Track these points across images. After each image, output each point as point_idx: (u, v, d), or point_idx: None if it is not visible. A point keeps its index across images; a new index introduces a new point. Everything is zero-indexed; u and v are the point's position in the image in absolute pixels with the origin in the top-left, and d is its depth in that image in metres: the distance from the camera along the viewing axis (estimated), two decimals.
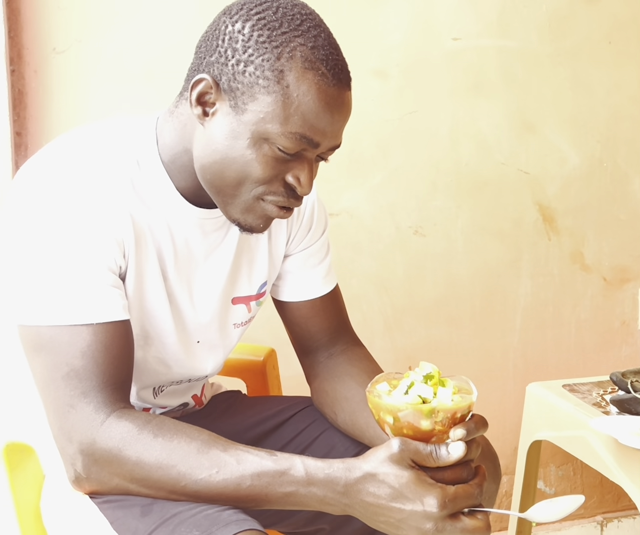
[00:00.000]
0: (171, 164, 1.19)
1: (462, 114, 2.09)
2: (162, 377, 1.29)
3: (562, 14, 2.12)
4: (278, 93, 1.09)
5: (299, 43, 1.09)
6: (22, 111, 1.82)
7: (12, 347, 1.20)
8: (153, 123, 1.21)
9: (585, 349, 2.27)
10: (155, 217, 1.18)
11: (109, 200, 1.13)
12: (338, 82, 1.11)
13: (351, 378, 1.32)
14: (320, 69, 1.10)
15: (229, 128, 1.11)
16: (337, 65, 1.11)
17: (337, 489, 1.05)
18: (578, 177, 2.20)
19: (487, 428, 1.07)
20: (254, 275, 1.32)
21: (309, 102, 1.09)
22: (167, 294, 1.22)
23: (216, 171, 1.14)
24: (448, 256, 2.13)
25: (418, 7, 2.02)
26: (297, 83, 1.09)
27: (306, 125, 1.10)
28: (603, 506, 2.34)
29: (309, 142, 1.11)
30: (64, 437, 1.10)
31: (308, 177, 1.14)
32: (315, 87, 1.09)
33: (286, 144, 1.10)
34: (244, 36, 1.09)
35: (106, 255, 1.12)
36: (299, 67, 1.09)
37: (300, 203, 1.17)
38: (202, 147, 1.14)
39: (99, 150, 1.16)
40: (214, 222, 1.24)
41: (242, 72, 1.09)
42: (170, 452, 1.07)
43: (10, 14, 1.78)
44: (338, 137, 1.15)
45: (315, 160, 1.16)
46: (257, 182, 1.13)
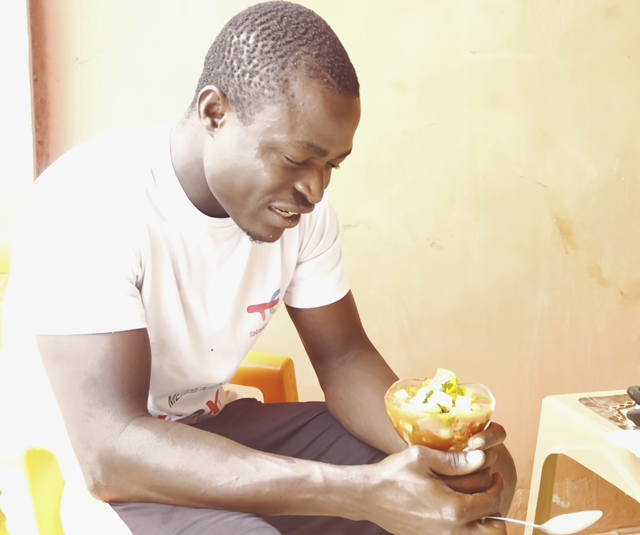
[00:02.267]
0: (184, 174, 1.20)
1: (481, 126, 2.09)
2: (177, 385, 1.30)
3: (581, 28, 2.12)
4: (284, 102, 1.09)
5: (304, 51, 1.09)
6: (45, 120, 1.84)
7: (32, 355, 1.21)
8: (167, 133, 1.22)
9: (601, 363, 2.26)
10: (169, 226, 1.19)
11: (126, 210, 1.14)
12: (344, 89, 1.11)
13: (365, 384, 1.33)
14: (326, 76, 1.10)
15: (237, 138, 1.12)
16: (342, 72, 1.11)
17: (355, 496, 1.05)
18: (596, 191, 2.19)
19: (505, 437, 1.07)
20: (267, 283, 1.33)
21: (315, 111, 1.09)
22: (181, 302, 1.22)
23: (226, 181, 1.14)
24: (465, 268, 2.14)
25: (437, 20, 2.03)
26: (302, 92, 1.09)
27: (313, 133, 1.10)
28: (618, 521, 2.33)
29: (316, 150, 1.11)
30: (82, 446, 1.11)
31: (318, 185, 1.14)
32: (320, 95, 1.09)
33: (294, 153, 1.11)
34: (248, 47, 1.10)
35: (123, 265, 1.13)
36: (303, 76, 1.09)
37: (311, 209, 1.17)
38: (212, 158, 1.15)
39: (114, 160, 1.17)
40: (225, 230, 1.25)
41: (247, 82, 1.10)
42: (189, 459, 1.07)
43: (34, 24, 1.80)
44: (347, 144, 1.15)
45: (325, 167, 1.16)
46: (266, 191, 1.13)
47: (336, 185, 2.00)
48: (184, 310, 1.23)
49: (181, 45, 1.89)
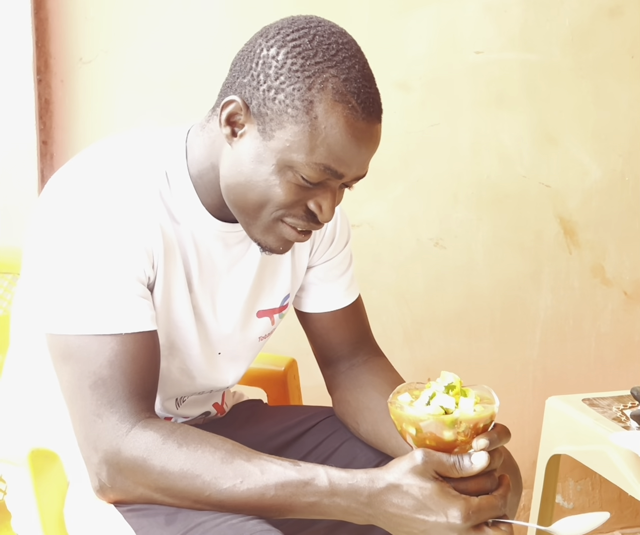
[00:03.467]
0: (198, 178, 1.20)
1: (484, 126, 2.09)
2: (185, 388, 1.30)
3: (585, 27, 2.12)
4: (306, 123, 1.09)
5: (332, 74, 1.09)
6: (49, 120, 1.84)
7: (37, 354, 1.21)
8: (183, 135, 1.22)
9: (605, 363, 2.26)
10: (181, 229, 1.19)
11: (139, 211, 1.14)
12: (368, 116, 1.11)
13: (373, 388, 1.33)
14: (351, 102, 1.09)
15: (256, 152, 1.12)
16: (368, 99, 1.11)
17: (360, 500, 1.05)
18: (599, 191, 2.19)
19: (509, 437, 1.07)
20: (277, 288, 1.33)
21: (336, 135, 1.09)
22: (192, 305, 1.22)
23: (240, 192, 1.14)
24: (468, 268, 2.14)
25: (441, 21, 2.03)
26: (326, 115, 1.09)
27: (331, 157, 1.10)
28: (622, 521, 2.33)
29: (333, 173, 1.11)
30: (89, 446, 1.11)
31: (330, 206, 1.14)
32: (343, 120, 1.09)
33: (310, 174, 1.11)
34: (277, 63, 1.10)
35: (135, 266, 1.13)
36: (329, 99, 1.08)
37: (321, 227, 1.18)
38: (228, 167, 1.15)
39: (129, 161, 1.17)
40: (236, 235, 1.25)
41: (272, 98, 1.10)
42: (194, 461, 1.08)
43: (38, 24, 1.80)
44: (364, 169, 1.16)
45: (339, 187, 1.16)
46: (278, 207, 1.13)
47: None
48: (195, 314, 1.23)
49: (185, 45, 1.89)
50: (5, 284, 1.53)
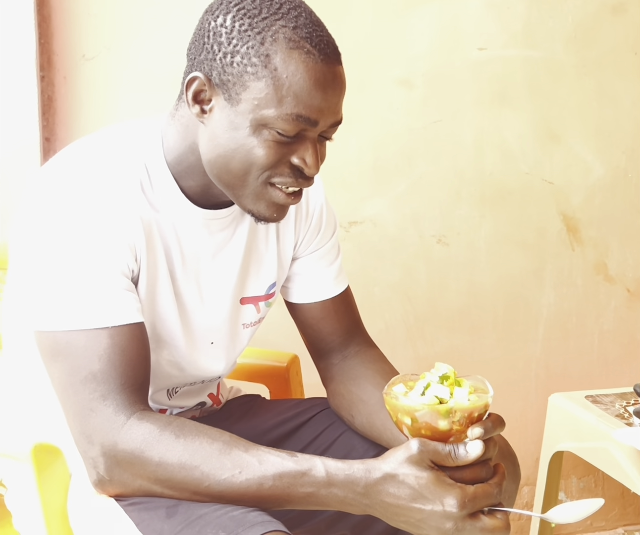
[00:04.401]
0: (177, 165, 1.20)
1: (487, 123, 2.09)
2: (175, 379, 1.30)
3: (588, 24, 2.12)
4: (267, 77, 1.10)
5: (281, 25, 1.10)
6: (52, 117, 1.84)
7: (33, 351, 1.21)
8: (158, 126, 1.23)
9: (608, 360, 2.26)
10: (162, 219, 1.20)
11: (121, 205, 1.14)
12: (325, 57, 1.11)
13: (366, 380, 1.33)
14: (305, 46, 1.10)
15: (227, 121, 1.13)
16: (322, 41, 1.12)
17: (357, 490, 1.06)
18: (602, 188, 2.19)
19: (504, 426, 1.07)
20: (262, 276, 1.33)
21: (299, 81, 1.10)
22: (175, 295, 1.23)
23: (222, 165, 1.15)
24: (471, 265, 2.14)
25: (444, 17, 2.03)
26: (285, 64, 1.10)
27: (300, 104, 1.10)
28: (624, 518, 2.33)
29: (306, 121, 1.11)
30: (85, 441, 1.11)
31: (313, 157, 1.14)
32: (302, 65, 1.10)
33: (284, 127, 1.11)
34: (226, 29, 1.11)
35: (119, 260, 1.13)
36: (283, 49, 1.10)
37: (311, 183, 1.18)
38: (206, 144, 1.16)
39: (109, 155, 1.18)
40: (220, 222, 1.25)
41: (230, 63, 1.11)
42: (192, 452, 1.08)
43: (41, 21, 1.80)
44: (336, 113, 1.15)
45: (319, 140, 1.16)
46: (263, 168, 1.13)
47: (342, 183, 2.02)
48: (178, 304, 1.24)
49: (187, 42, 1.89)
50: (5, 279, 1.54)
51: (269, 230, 1.32)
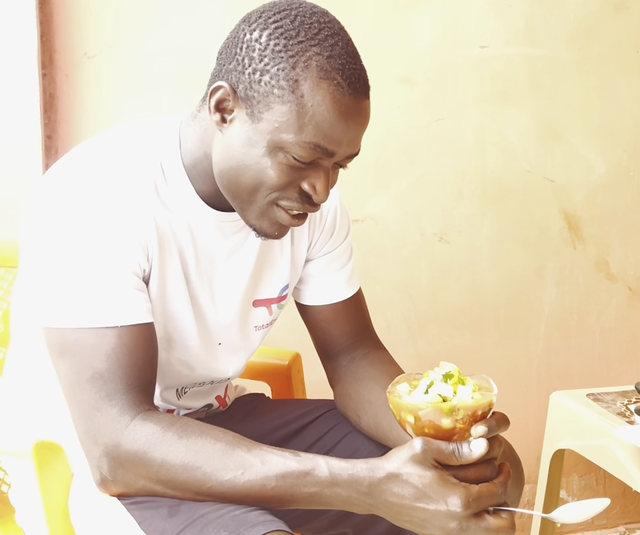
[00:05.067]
0: (192, 167, 1.20)
1: (489, 121, 2.09)
2: (185, 378, 1.30)
3: (590, 22, 2.12)
4: (292, 103, 1.09)
5: (315, 52, 1.09)
6: (53, 115, 1.84)
7: (41, 348, 1.22)
8: (177, 126, 1.22)
9: (609, 358, 2.26)
10: (176, 220, 1.20)
11: (134, 204, 1.14)
12: (354, 92, 1.11)
13: (374, 381, 1.33)
14: (336, 78, 1.09)
15: (246, 136, 1.12)
16: (353, 75, 1.11)
17: (361, 490, 1.05)
18: (604, 186, 2.19)
19: (508, 425, 1.07)
20: (275, 278, 1.33)
21: (324, 112, 1.09)
22: (189, 296, 1.23)
23: (232, 177, 1.15)
24: (473, 263, 2.14)
25: (446, 15, 2.03)
26: (312, 93, 1.09)
27: (320, 134, 1.10)
28: (626, 517, 2.33)
29: (323, 151, 1.11)
30: (89, 440, 1.11)
31: (324, 186, 1.14)
32: (330, 96, 1.09)
33: (301, 153, 1.11)
34: (260, 45, 1.10)
35: (130, 259, 1.13)
36: (314, 77, 1.09)
37: (317, 209, 1.18)
38: (220, 153, 1.16)
39: (123, 153, 1.17)
40: (234, 224, 1.25)
41: (258, 81, 1.10)
42: (195, 453, 1.08)
43: (43, 19, 1.80)
44: (355, 146, 1.15)
45: (333, 167, 1.16)
46: (272, 189, 1.13)
47: (344, 180, 2.00)
48: (192, 304, 1.24)
49: (190, 41, 1.89)
50: (10, 278, 1.54)
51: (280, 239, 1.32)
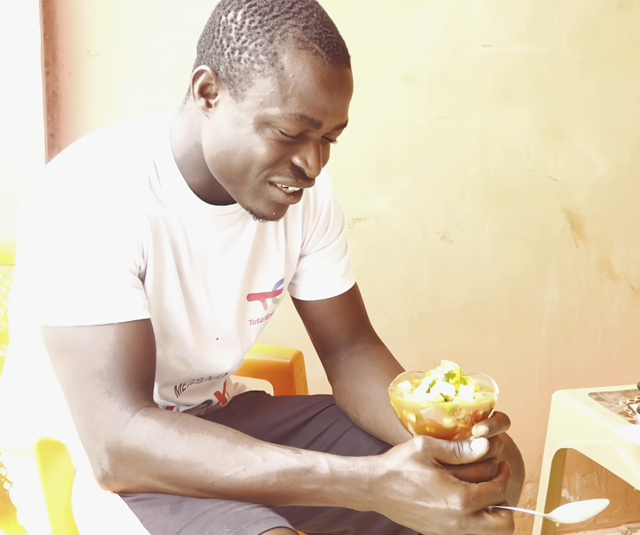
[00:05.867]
0: (183, 160, 1.21)
1: (491, 120, 2.09)
2: (182, 375, 1.30)
3: (593, 21, 2.12)
4: (274, 75, 1.10)
5: (291, 24, 1.10)
6: (56, 113, 1.84)
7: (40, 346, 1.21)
8: (166, 121, 1.23)
9: (612, 358, 2.26)
10: (170, 215, 1.20)
11: (128, 202, 1.14)
12: (334, 59, 1.11)
13: (372, 377, 1.33)
14: (314, 47, 1.10)
15: (232, 116, 1.13)
16: (331, 43, 1.11)
17: (361, 487, 1.05)
18: (607, 185, 2.19)
19: (509, 425, 1.07)
20: (269, 272, 1.33)
21: (305, 82, 1.10)
22: (182, 291, 1.23)
23: (223, 160, 1.15)
24: (475, 262, 2.14)
25: (448, 14, 2.03)
26: (292, 64, 1.09)
27: (305, 105, 1.10)
28: (628, 516, 2.33)
29: (310, 122, 1.11)
30: (89, 437, 1.11)
31: (315, 158, 1.14)
32: (310, 66, 1.10)
33: (288, 126, 1.11)
34: (236, 24, 1.11)
35: (126, 256, 1.13)
36: (292, 48, 1.10)
37: (311, 184, 1.17)
38: (209, 139, 1.16)
39: (117, 151, 1.18)
40: (228, 217, 1.25)
41: (237, 59, 1.11)
42: (196, 449, 1.08)
43: (46, 17, 1.80)
44: (341, 116, 1.14)
45: (322, 142, 1.16)
46: (263, 166, 1.13)
47: (346, 179, 2.01)
48: (185, 299, 1.24)
49: (193, 38, 1.87)
50: (12, 276, 1.54)
51: (277, 226, 1.32)
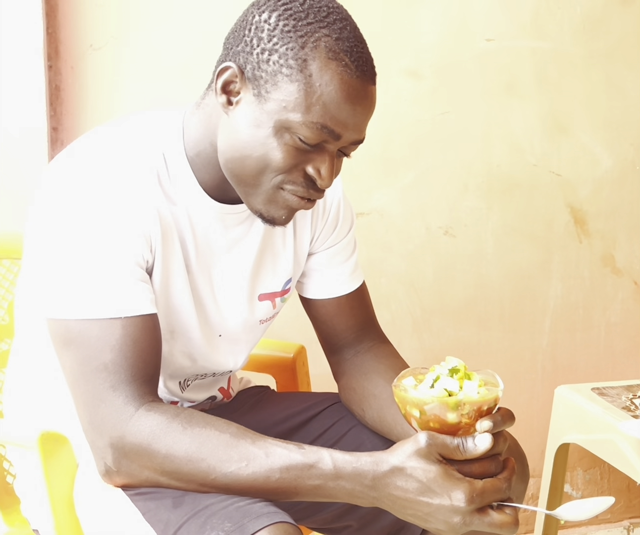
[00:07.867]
0: (196, 157, 1.20)
1: (495, 115, 2.09)
2: (187, 370, 1.30)
3: (597, 15, 2.11)
4: (300, 82, 1.09)
5: (324, 34, 1.10)
6: (59, 107, 1.84)
7: (45, 339, 1.22)
8: (180, 116, 1.22)
9: (614, 353, 2.25)
10: (178, 211, 1.20)
11: (137, 196, 1.14)
12: (362, 74, 1.11)
13: (379, 375, 1.33)
14: (344, 60, 1.10)
15: (252, 117, 1.12)
16: (361, 58, 1.12)
17: (365, 483, 1.05)
18: (610, 180, 2.19)
19: (514, 421, 1.07)
20: (278, 272, 1.33)
21: (331, 92, 1.09)
22: (190, 288, 1.23)
23: (238, 160, 1.14)
24: (478, 257, 2.13)
25: (452, 8, 2.02)
26: (320, 72, 1.09)
27: (327, 115, 1.10)
28: (630, 511, 2.33)
29: (329, 133, 1.11)
30: (93, 431, 1.11)
31: (329, 170, 1.14)
32: (338, 77, 1.10)
33: (307, 134, 1.11)
34: (269, 25, 1.11)
35: (134, 250, 1.13)
36: (322, 57, 1.09)
37: (321, 195, 1.17)
38: (226, 137, 1.15)
39: (127, 145, 1.17)
40: (236, 217, 1.25)
41: (266, 60, 1.10)
42: (199, 445, 1.08)
43: (49, 11, 1.80)
44: (360, 131, 1.15)
45: (337, 155, 1.16)
46: (277, 171, 1.13)
47: (350, 174, 2.01)
48: (193, 296, 1.24)
49: (196, 32, 1.89)
50: (16, 270, 1.54)
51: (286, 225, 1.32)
